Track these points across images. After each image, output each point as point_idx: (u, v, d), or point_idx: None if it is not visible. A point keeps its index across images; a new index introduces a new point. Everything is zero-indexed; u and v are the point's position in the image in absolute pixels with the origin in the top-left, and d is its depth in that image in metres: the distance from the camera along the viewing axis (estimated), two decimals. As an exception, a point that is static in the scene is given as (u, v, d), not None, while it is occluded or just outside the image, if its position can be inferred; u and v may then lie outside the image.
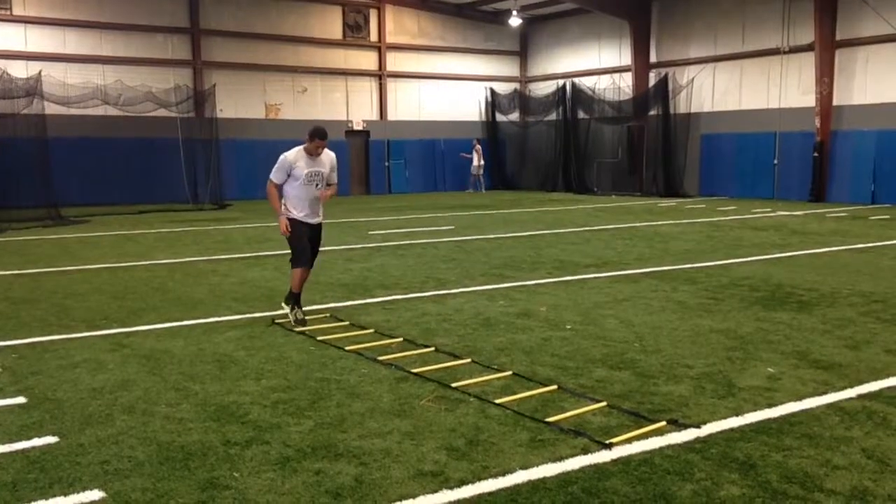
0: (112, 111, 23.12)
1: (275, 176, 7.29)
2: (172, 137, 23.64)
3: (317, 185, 7.30)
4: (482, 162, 29.21)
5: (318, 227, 7.54)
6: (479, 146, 29.27)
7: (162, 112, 23.58)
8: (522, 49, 32.20)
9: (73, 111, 22.32)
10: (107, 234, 15.66)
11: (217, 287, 9.44)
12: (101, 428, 4.63)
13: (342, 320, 7.49)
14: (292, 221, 7.30)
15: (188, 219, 19.08)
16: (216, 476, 3.93)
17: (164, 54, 24.92)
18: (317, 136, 7.16)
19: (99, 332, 7.15)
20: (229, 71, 25.92)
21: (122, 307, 8.27)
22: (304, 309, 7.50)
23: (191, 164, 23.88)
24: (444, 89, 30.51)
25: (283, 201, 7.37)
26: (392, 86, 29.42)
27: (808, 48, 22.48)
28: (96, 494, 3.74)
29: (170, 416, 4.84)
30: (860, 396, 5.09)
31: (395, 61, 29.40)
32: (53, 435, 4.51)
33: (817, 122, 22.36)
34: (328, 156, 7.40)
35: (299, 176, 7.18)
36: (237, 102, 26.06)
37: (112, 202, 22.73)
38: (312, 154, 7.23)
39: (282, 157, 7.25)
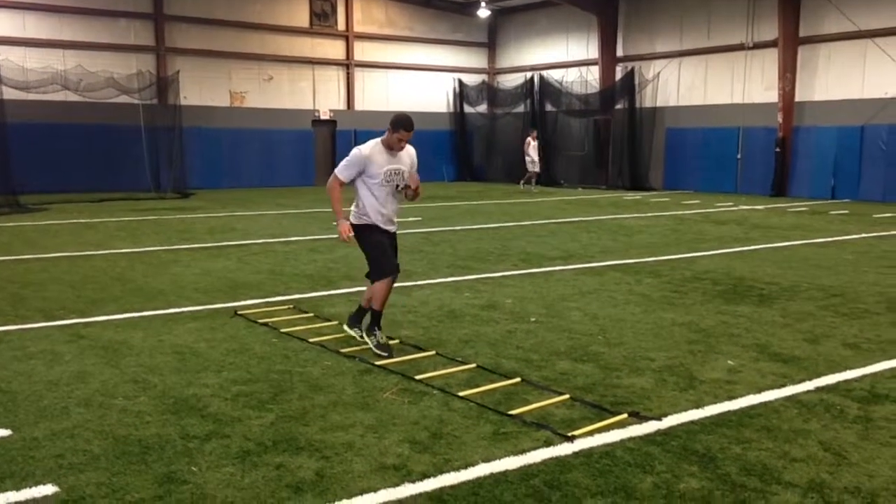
0: (72, 97, 22.67)
1: (342, 172, 6.03)
2: (135, 124, 23.22)
3: (396, 185, 6.04)
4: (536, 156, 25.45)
5: (394, 236, 6.25)
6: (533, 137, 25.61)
7: (124, 98, 23.14)
8: (491, 41, 32.18)
9: (33, 96, 21.83)
10: (66, 223, 15.35)
11: (178, 277, 9.30)
12: (56, 421, 4.53)
13: (306, 312, 7.42)
14: (365, 226, 6.07)
15: (150, 208, 18.79)
16: (174, 470, 3.86)
17: (126, 40, 24.44)
18: (402, 126, 5.83)
19: (56, 322, 7.00)
20: (193, 57, 25.52)
21: (81, 297, 8.11)
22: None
23: (153, 152, 23.51)
24: (412, 80, 30.39)
25: (356, 209, 6.17)
26: (360, 75, 29.22)
27: (772, 44, 22.78)
28: (50, 489, 3.65)
29: (127, 408, 4.75)
30: (818, 389, 5.16)
31: (362, 51, 29.20)
32: (6, 428, 4.40)
33: (780, 118, 22.70)
34: (408, 151, 6.09)
35: (376, 175, 5.93)
36: (201, 90, 25.68)
37: (72, 190, 22.29)
38: (393, 148, 5.94)
39: (355, 151, 5.99)
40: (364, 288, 6.59)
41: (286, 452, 4.09)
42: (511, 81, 30.76)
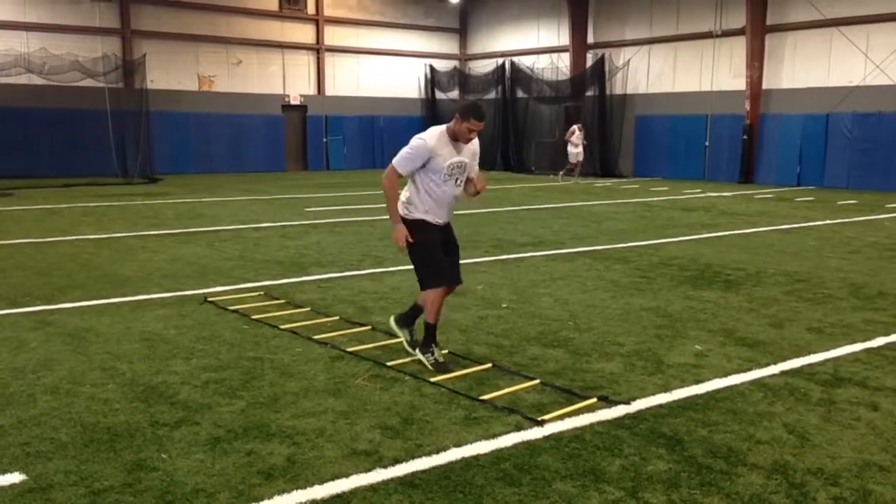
0: (37, 80, 22.26)
1: (402, 165, 5.19)
2: (100, 108, 22.86)
3: (457, 180, 5.32)
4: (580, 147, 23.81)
5: (447, 226, 5.56)
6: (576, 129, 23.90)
7: (89, 82, 22.80)
8: (462, 26, 32.09)
9: (-5, 79, 21.40)
10: (30, 208, 15.09)
11: (146, 264, 9.20)
12: (23, 409, 4.47)
13: (277, 298, 7.38)
14: (417, 224, 5.29)
15: (117, 193, 18.52)
16: (143, 458, 3.84)
17: (91, 22, 24.00)
18: (473, 115, 5.10)
19: (21, 309, 6.89)
20: (160, 41, 25.14)
21: (46, 284, 7.99)
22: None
23: (119, 137, 23.18)
24: (384, 65, 30.22)
25: (403, 199, 5.35)
26: (330, 60, 28.99)
27: (740, 32, 22.99)
28: (17, 477, 3.61)
29: (95, 396, 4.70)
30: (783, 373, 5.26)
31: (333, 35, 28.96)
32: (-29, 417, 4.34)
33: (747, 106, 22.95)
34: (473, 142, 5.37)
35: (439, 169, 5.18)
36: (168, 73, 25.33)
37: (36, 175, 21.91)
38: (461, 139, 5.22)
39: (418, 141, 5.19)
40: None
41: (257, 439, 4.08)
42: (482, 67, 30.72)
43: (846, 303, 7.40)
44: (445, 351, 5.59)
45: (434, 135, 5.22)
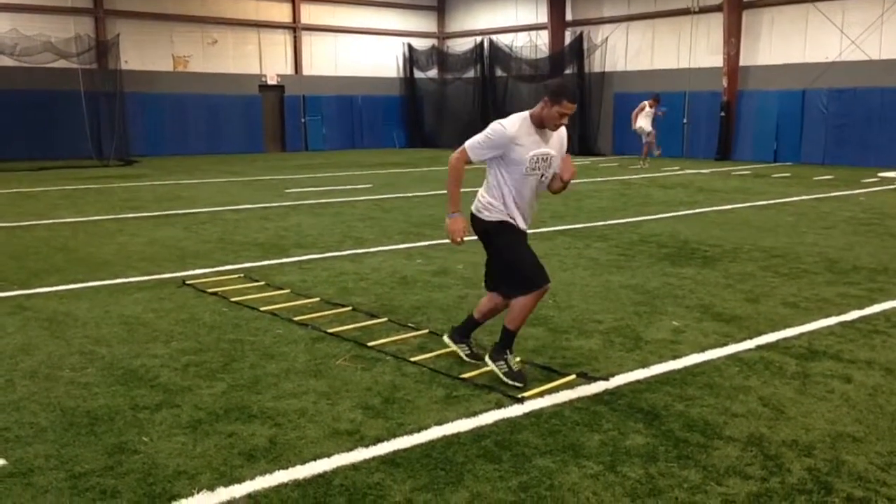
0: (7, 62, 21.88)
1: (474, 150, 4.61)
2: (74, 90, 22.53)
3: (542, 175, 4.65)
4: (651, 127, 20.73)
5: (525, 235, 4.84)
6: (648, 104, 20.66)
7: (62, 63, 22.42)
8: (440, 4, 31.88)
9: (-35, 61, 21.02)
10: (3, 192, 14.89)
11: (124, 247, 9.13)
12: (1, 394, 4.44)
13: (257, 280, 7.36)
14: (498, 224, 4.72)
15: (92, 176, 18.31)
16: (124, 441, 3.83)
17: (63, 2, 23.59)
18: (566, 97, 4.39)
19: (-3, 295, 6.83)
20: (134, 20, 24.77)
21: (23, 268, 7.92)
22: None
23: (94, 119, 22.88)
24: (361, 44, 29.98)
25: (481, 199, 4.81)
26: (307, 39, 28.71)
27: (717, 9, 23.03)
28: (-4, 463, 3.61)
29: (74, 380, 4.68)
30: (758, 347, 5.33)
31: (309, 14, 28.67)
32: (-52, 403, 4.31)
33: (724, 82, 23.04)
34: (560, 130, 4.69)
35: (519, 161, 4.53)
36: (143, 54, 24.99)
37: (9, 158, 21.61)
38: (549, 126, 4.54)
39: (497, 127, 4.53)
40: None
41: (238, 421, 4.09)
42: (461, 46, 30.57)
43: (821, 277, 7.50)
44: (518, 358, 4.92)
45: (515, 121, 4.53)
